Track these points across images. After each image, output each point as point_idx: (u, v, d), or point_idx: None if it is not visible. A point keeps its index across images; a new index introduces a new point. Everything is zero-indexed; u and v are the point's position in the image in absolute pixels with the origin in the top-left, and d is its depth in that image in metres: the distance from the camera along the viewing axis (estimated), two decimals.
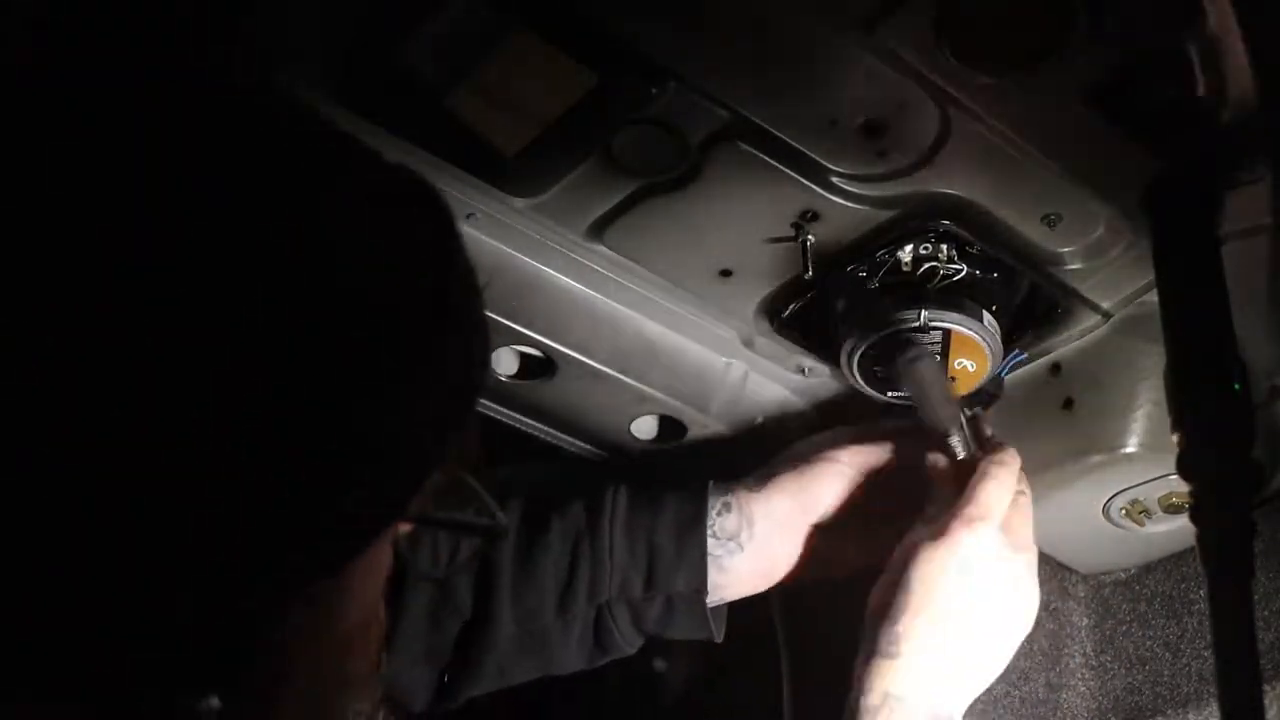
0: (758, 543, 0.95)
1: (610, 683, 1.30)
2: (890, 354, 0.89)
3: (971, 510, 0.88)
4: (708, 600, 0.94)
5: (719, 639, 0.97)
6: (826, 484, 0.96)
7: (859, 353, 0.91)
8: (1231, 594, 0.65)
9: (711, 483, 0.96)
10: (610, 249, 0.91)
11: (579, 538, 0.93)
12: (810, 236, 0.86)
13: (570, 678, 0.97)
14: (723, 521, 0.94)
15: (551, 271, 0.95)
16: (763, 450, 1.01)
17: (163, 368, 0.47)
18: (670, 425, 1.06)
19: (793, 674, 1.15)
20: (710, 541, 0.94)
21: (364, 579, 0.58)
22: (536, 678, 0.96)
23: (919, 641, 0.86)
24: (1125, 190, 0.79)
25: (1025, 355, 0.97)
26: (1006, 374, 0.98)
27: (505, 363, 1.01)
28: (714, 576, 0.94)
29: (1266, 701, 0.83)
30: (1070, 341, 0.96)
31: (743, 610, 1.00)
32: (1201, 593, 1.04)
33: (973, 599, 0.87)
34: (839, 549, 0.96)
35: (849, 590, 0.94)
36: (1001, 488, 0.90)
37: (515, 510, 0.95)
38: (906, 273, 0.89)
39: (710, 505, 0.95)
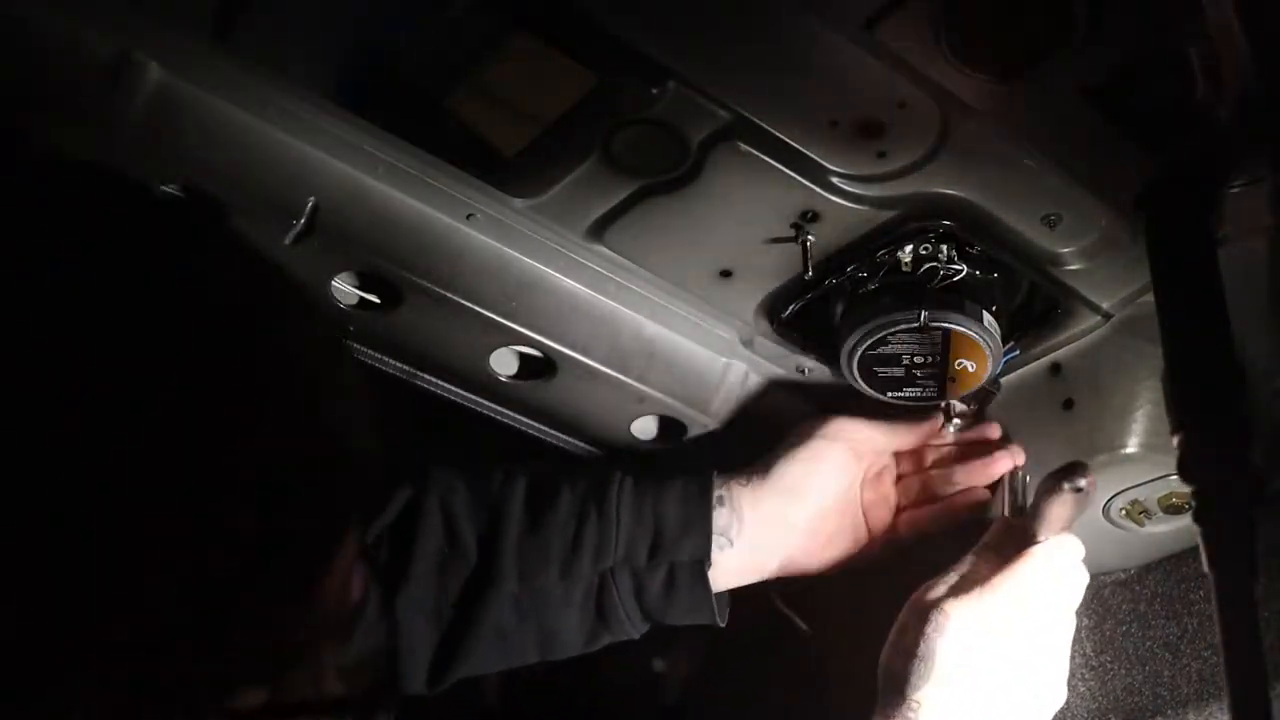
0: (746, 538, 0.96)
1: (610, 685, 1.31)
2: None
3: (1013, 584, 0.85)
4: None
5: (722, 623, 0.98)
6: (822, 468, 0.98)
7: (859, 353, 0.91)
8: (1237, 595, 0.65)
9: (715, 472, 0.98)
10: (610, 249, 0.91)
11: (586, 501, 0.95)
12: (810, 236, 0.86)
13: (570, 684, 0.97)
14: (715, 516, 0.96)
15: (551, 271, 0.95)
16: (763, 451, 1.01)
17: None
18: (670, 425, 1.06)
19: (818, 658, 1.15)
20: None
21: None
22: (535, 661, 0.96)
23: (940, 708, 0.84)
24: (1125, 190, 0.79)
25: (1017, 351, 0.97)
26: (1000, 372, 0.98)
27: (505, 363, 1.01)
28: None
29: None
30: (1070, 342, 0.96)
31: (739, 605, 1.00)
32: (1201, 593, 1.04)
33: (998, 666, 0.85)
34: (834, 538, 0.99)
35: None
36: (1057, 573, 0.87)
37: (523, 476, 0.97)
38: (906, 273, 0.89)
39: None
